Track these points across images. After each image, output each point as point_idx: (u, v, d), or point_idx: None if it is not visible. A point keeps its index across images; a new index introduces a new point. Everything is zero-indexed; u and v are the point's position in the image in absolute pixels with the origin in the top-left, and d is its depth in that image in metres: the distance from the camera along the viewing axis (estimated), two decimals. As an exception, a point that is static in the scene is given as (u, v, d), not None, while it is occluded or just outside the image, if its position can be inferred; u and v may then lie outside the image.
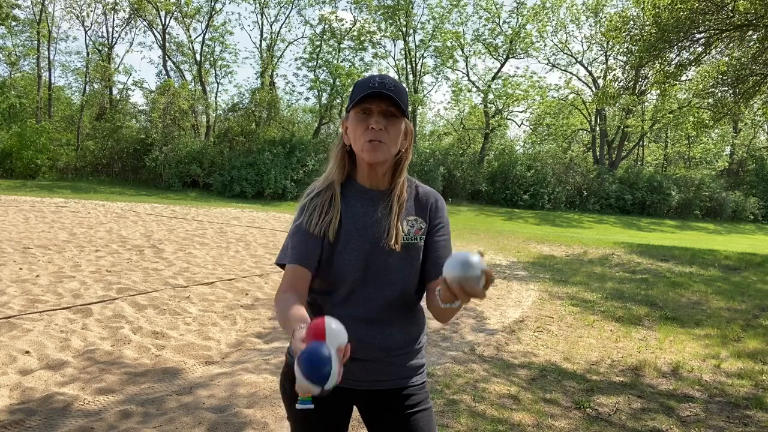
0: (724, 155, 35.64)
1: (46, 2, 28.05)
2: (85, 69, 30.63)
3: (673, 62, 11.93)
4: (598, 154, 32.77)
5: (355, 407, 1.48)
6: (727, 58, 12.71)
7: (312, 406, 1.36)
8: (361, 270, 1.36)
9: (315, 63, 29.59)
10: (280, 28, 33.42)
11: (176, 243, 8.93)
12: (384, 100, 1.31)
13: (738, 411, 3.36)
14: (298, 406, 1.36)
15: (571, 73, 33.47)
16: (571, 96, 32.83)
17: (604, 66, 30.90)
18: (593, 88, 31.41)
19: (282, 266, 1.41)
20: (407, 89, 30.25)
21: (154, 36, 31.20)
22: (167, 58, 30.25)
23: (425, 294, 1.42)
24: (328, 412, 1.41)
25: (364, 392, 1.41)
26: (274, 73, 31.25)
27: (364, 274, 1.36)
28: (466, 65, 38.84)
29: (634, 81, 14.06)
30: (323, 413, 1.41)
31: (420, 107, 32.87)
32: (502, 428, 2.92)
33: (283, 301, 1.28)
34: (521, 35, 30.42)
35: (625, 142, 33.30)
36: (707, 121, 14.92)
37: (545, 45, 33.36)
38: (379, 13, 29.44)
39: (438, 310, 1.27)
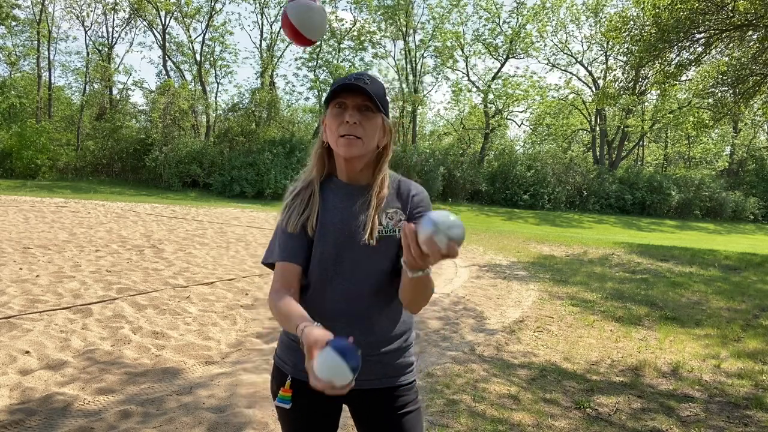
0: (724, 155, 35.65)
1: (46, 2, 28.06)
2: (85, 69, 30.65)
3: (673, 62, 11.92)
4: (598, 154, 32.77)
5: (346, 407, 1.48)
6: (727, 58, 12.71)
7: (288, 405, 1.36)
8: (337, 264, 1.36)
9: (315, 63, 29.62)
10: (280, 28, 33.37)
11: (176, 243, 8.93)
12: (359, 95, 1.31)
13: (738, 411, 3.36)
14: (276, 403, 1.37)
15: (571, 73, 33.50)
16: (571, 96, 32.84)
17: (604, 66, 30.92)
18: (593, 88, 31.42)
19: (269, 266, 1.43)
20: (407, 89, 30.13)
21: (154, 36, 31.23)
22: (167, 58, 30.26)
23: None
24: (312, 411, 1.41)
25: (352, 391, 1.40)
26: (274, 73, 31.28)
27: (340, 268, 1.35)
28: (466, 65, 38.79)
29: (634, 81, 14.05)
30: (307, 412, 1.40)
31: (420, 107, 32.86)
32: (502, 428, 2.92)
33: (277, 299, 1.30)
34: (521, 35, 30.42)
35: (625, 142, 33.30)
36: (707, 121, 14.93)
37: (545, 45, 33.37)
38: (379, 13, 29.45)
39: (407, 291, 1.26)
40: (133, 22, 30.80)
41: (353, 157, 1.34)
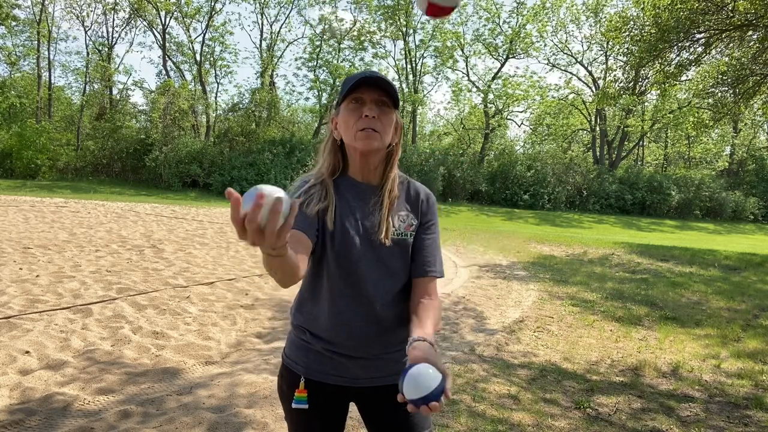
0: (724, 155, 35.66)
1: (46, 2, 28.07)
2: (85, 69, 30.68)
3: (673, 62, 11.92)
4: (598, 154, 32.77)
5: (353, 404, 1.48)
6: (727, 58, 12.72)
7: (306, 406, 1.37)
8: (354, 262, 1.35)
9: (315, 63, 29.64)
10: (280, 28, 33.45)
11: (176, 243, 8.92)
12: (376, 90, 1.32)
13: (738, 411, 3.36)
14: (294, 405, 1.37)
15: (571, 73, 33.53)
16: (571, 96, 32.86)
17: (604, 66, 30.93)
18: (593, 88, 31.44)
19: None
20: (407, 89, 30.19)
21: (154, 36, 31.25)
22: (167, 58, 30.27)
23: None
24: (324, 411, 1.41)
25: (360, 389, 1.41)
26: (274, 73, 31.31)
27: (356, 266, 1.35)
28: (466, 65, 38.89)
29: (634, 81, 14.06)
30: (320, 412, 1.41)
31: (420, 107, 32.86)
32: (502, 428, 2.92)
33: None
34: (521, 35, 30.44)
35: (625, 142, 33.31)
36: (707, 121, 14.93)
37: (545, 45, 33.51)
38: (379, 13, 29.46)
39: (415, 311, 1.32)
40: (133, 22, 30.86)
41: (371, 150, 1.33)
